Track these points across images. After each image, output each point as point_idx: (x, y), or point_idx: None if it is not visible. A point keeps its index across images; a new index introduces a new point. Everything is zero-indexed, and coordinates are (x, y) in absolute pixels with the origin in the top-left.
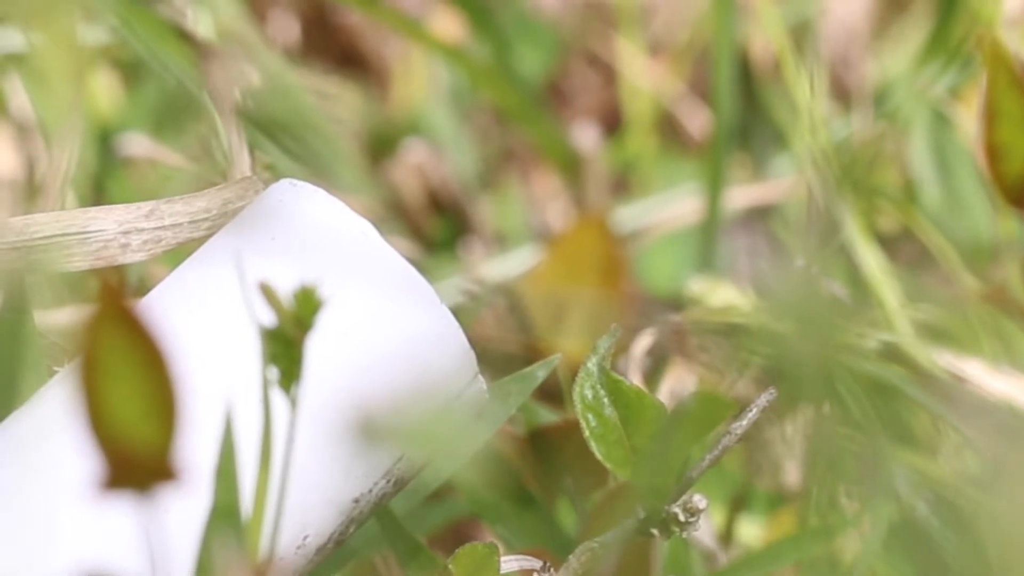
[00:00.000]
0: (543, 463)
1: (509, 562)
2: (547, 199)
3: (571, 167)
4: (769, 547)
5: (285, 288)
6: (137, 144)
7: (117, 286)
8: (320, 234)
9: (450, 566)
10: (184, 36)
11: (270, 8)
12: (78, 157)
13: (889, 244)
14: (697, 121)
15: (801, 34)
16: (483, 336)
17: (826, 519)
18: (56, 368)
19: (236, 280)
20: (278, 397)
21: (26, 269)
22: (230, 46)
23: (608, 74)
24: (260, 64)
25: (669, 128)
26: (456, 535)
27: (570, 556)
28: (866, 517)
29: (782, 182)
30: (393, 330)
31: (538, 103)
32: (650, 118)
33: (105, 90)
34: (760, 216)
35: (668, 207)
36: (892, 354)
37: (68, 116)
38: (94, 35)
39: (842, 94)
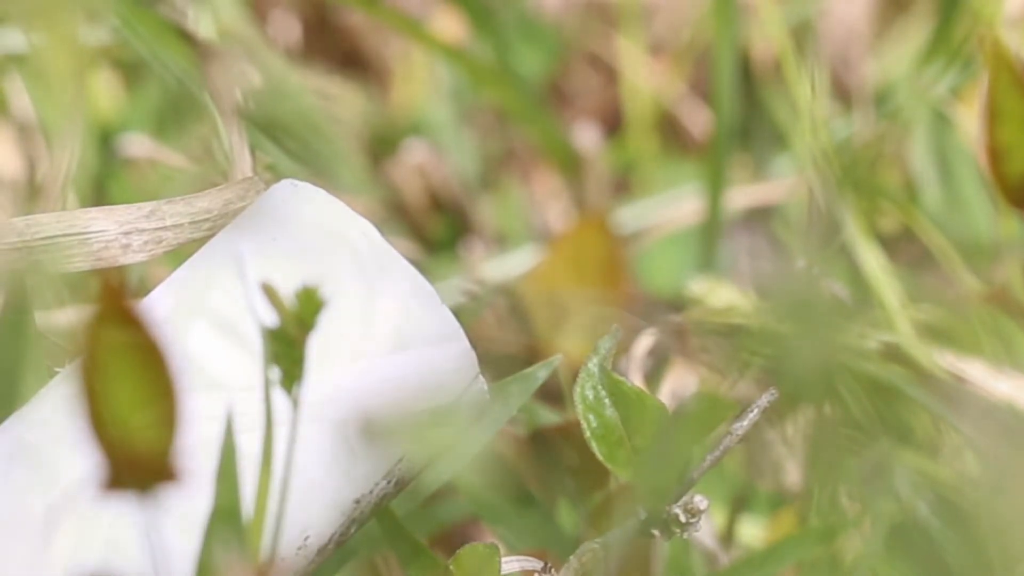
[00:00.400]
0: (544, 464)
1: (510, 563)
2: (548, 199)
3: (572, 167)
4: (770, 548)
5: (287, 288)
6: (138, 145)
7: (118, 287)
8: (321, 235)
9: (451, 567)
10: (185, 37)
11: (271, 9)
12: (79, 157)
13: (890, 244)
14: (698, 121)
15: (802, 34)
16: (484, 337)
17: (827, 520)
18: (57, 369)
19: (238, 281)
20: (280, 397)
21: (27, 270)
22: (231, 47)
23: (609, 74)
24: (261, 65)
25: (670, 128)
26: (457, 536)
27: (571, 557)
28: (867, 518)
29: (783, 182)
30: (394, 331)
31: (539, 103)
32: (651, 118)
33: (106, 90)
34: (761, 216)
35: (669, 207)
36: (893, 355)
37: (69, 116)
38: (95, 35)
39: (843, 94)
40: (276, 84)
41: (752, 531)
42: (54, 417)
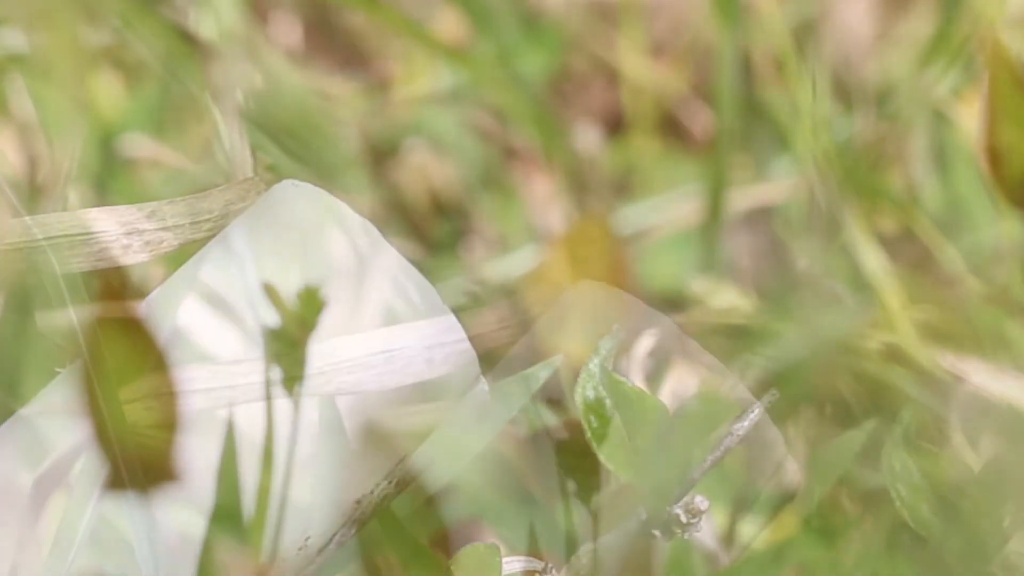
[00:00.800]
0: (544, 464)
1: (511, 563)
2: (549, 200)
3: (573, 168)
4: (771, 548)
5: (288, 288)
6: (139, 145)
7: (119, 287)
8: (322, 235)
9: (452, 567)
10: (186, 37)
11: (272, 9)
12: (80, 158)
13: (891, 245)
14: (699, 122)
15: (803, 35)
16: (485, 337)
17: (828, 520)
18: (58, 369)
19: (239, 281)
20: (281, 397)
21: (28, 270)
22: (232, 47)
23: (610, 75)
24: (262, 65)
25: (671, 129)
26: (457, 536)
27: (572, 557)
28: (868, 518)
29: (784, 183)
30: (395, 331)
31: (540, 104)
32: (652, 119)
33: (107, 91)
34: (762, 217)
35: (670, 208)
36: (894, 355)
37: (70, 117)
38: (96, 36)
39: (844, 95)
40: (276, 84)
41: (753, 532)
42: (56, 418)
